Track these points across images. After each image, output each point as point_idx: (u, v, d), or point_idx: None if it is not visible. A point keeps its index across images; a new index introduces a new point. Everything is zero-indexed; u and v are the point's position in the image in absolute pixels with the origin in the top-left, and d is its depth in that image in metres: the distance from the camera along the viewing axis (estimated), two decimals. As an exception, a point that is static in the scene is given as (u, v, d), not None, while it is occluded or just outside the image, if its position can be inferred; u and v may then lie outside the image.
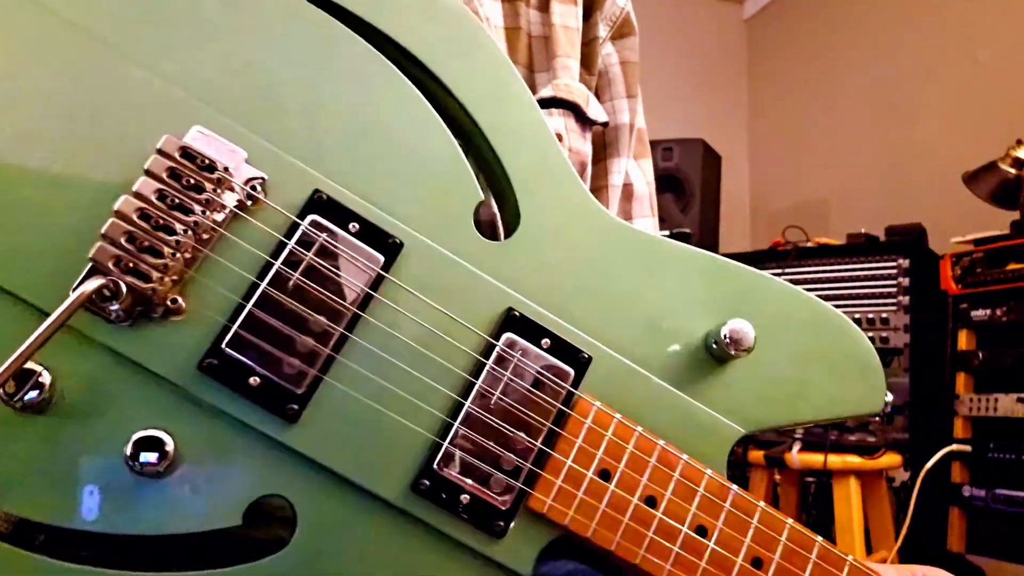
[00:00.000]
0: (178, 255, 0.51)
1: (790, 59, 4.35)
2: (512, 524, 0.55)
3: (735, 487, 0.58)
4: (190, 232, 0.52)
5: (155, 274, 0.51)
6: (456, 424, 0.54)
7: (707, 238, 3.28)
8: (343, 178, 0.56)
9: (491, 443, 0.55)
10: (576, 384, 0.58)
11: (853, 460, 2.31)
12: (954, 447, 2.17)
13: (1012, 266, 2.26)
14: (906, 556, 2.47)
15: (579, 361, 0.58)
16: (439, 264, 0.57)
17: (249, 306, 0.52)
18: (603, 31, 0.91)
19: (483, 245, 0.59)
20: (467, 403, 0.55)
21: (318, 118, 0.57)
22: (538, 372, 0.57)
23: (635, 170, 0.95)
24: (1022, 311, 2.21)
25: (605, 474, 0.56)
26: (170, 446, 0.50)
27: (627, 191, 0.94)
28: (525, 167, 0.61)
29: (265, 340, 0.52)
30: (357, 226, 0.55)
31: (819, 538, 0.59)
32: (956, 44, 3.33)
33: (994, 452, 2.12)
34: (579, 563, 0.80)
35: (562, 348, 0.58)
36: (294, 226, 0.54)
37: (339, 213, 0.55)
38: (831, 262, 2.76)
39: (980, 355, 2.28)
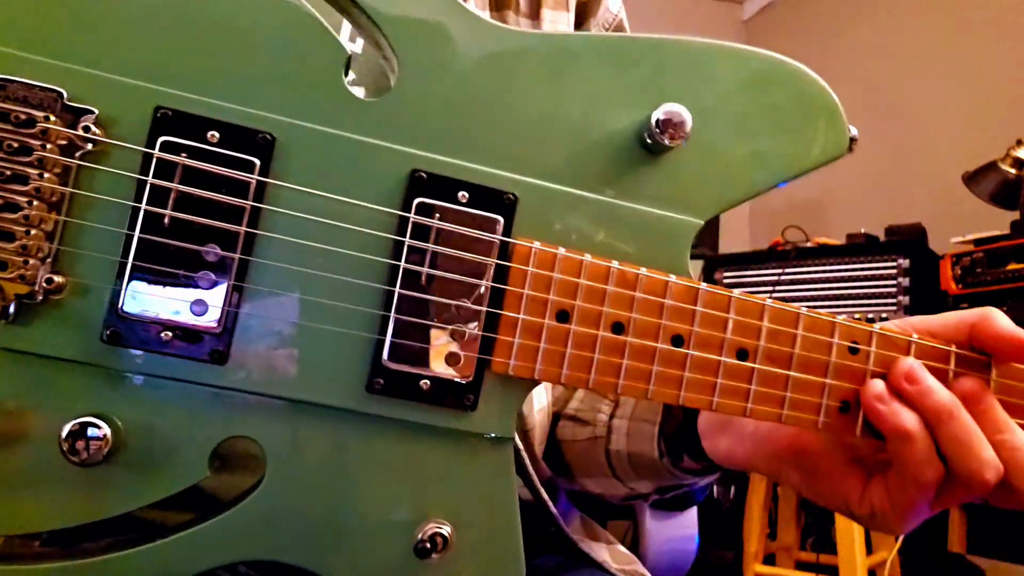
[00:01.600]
0: (33, 231, 0.47)
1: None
2: (481, 394, 0.53)
3: (703, 285, 0.55)
4: (36, 202, 0.47)
5: (16, 259, 0.46)
6: (391, 315, 0.51)
7: (707, 238, 3.20)
8: (185, 82, 0.50)
9: (435, 321, 0.52)
10: (508, 230, 0.53)
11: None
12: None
13: (1012, 266, 2.23)
14: (906, 556, 2.51)
15: (505, 204, 0.54)
16: (321, 145, 0.51)
17: (130, 260, 0.48)
18: None
19: (364, 106, 0.53)
20: (396, 289, 0.51)
21: (133, 17, 0.50)
22: (463, 231, 0.52)
23: None
24: (1022, 311, 2.13)
25: (563, 315, 0.53)
26: (105, 429, 0.48)
27: None
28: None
29: (161, 290, 0.48)
30: (216, 134, 0.50)
31: (801, 309, 0.56)
32: (956, 44, 3.31)
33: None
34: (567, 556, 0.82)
35: (483, 195, 0.53)
36: (147, 157, 0.48)
37: (191, 125, 0.49)
38: (831, 262, 2.75)
39: None
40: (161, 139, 0.49)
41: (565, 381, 0.53)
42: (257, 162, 0.50)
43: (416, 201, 0.52)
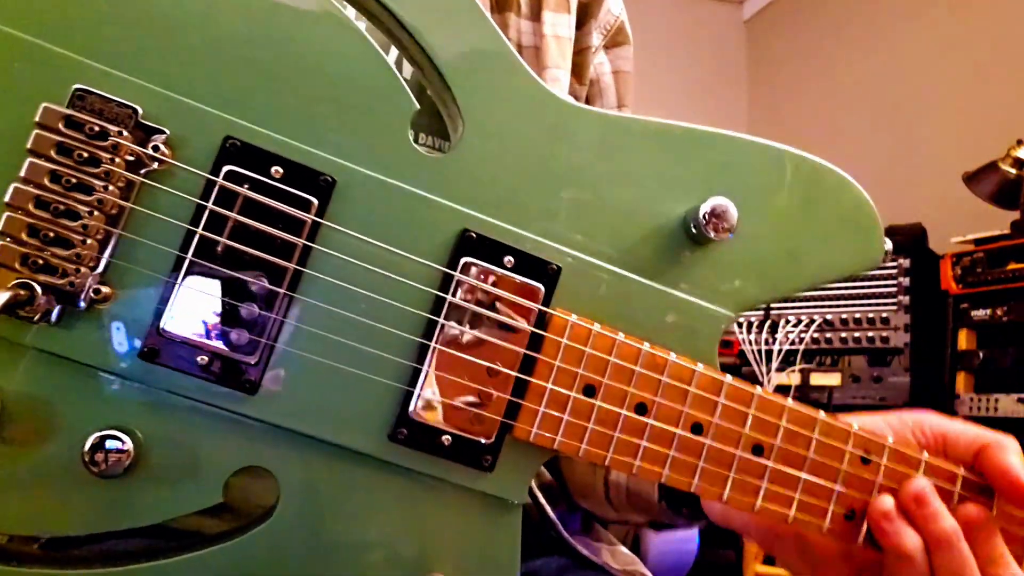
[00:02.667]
0: (89, 240, 0.47)
1: (790, 60, 4.35)
2: (499, 456, 0.53)
3: (728, 378, 0.56)
4: (96, 213, 0.47)
5: (69, 266, 0.47)
6: (424, 368, 0.52)
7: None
8: (256, 115, 0.51)
9: (465, 379, 0.53)
10: (548, 300, 0.54)
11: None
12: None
13: (1012, 266, 2.25)
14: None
15: (548, 274, 0.55)
16: (379, 194, 0.53)
17: (179, 282, 0.48)
18: (597, 39, 0.91)
19: (425, 162, 0.54)
20: (432, 343, 0.52)
21: (215, 47, 0.51)
22: (505, 295, 0.53)
23: None
24: (1022, 311, 2.21)
25: (590, 390, 0.54)
26: (128, 444, 0.48)
27: None
28: (459, 59, 0.55)
29: (205, 314, 0.49)
30: (281, 170, 0.50)
31: (821, 414, 0.57)
32: (956, 44, 3.31)
33: (994, 452, 2.14)
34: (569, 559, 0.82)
35: (528, 263, 0.54)
36: (210, 183, 0.49)
37: (258, 158, 0.50)
38: None
39: (980, 355, 2.28)
40: (226, 168, 0.50)
41: (583, 456, 0.54)
42: (315, 202, 0.51)
43: (463, 261, 0.53)
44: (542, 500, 0.78)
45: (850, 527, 0.58)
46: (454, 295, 0.53)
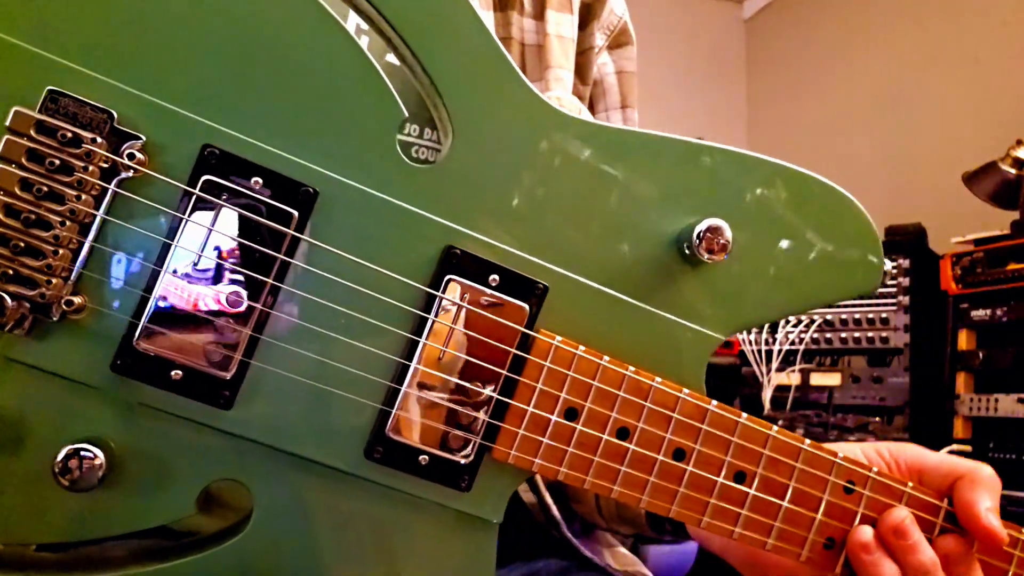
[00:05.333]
0: (61, 251, 0.46)
1: (789, 59, 4.33)
2: (477, 476, 0.53)
3: (712, 404, 0.55)
4: (69, 223, 0.46)
5: (40, 277, 0.46)
6: (403, 388, 0.51)
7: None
8: (238, 122, 0.49)
9: (444, 400, 0.52)
10: (532, 321, 0.53)
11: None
12: (954, 447, 2.17)
13: (1012, 266, 2.20)
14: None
15: (535, 292, 0.54)
16: (363, 207, 0.51)
17: (154, 295, 0.47)
18: (600, 40, 0.90)
19: (412, 173, 0.52)
20: (412, 364, 0.51)
21: (197, 49, 0.49)
22: (489, 316, 0.52)
23: None
24: (1022, 311, 2.16)
25: (571, 413, 0.53)
26: (99, 457, 0.47)
27: None
28: (451, 66, 0.53)
29: (179, 329, 0.48)
30: (261, 180, 0.49)
31: (805, 443, 0.57)
32: (956, 44, 3.28)
33: (994, 452, 2.12)
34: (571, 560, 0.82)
35: (514, 282, 0.53)
36: (187, 194, 0.48)
37: (237, 168, 0.49)
38: None
39: (980, 355, 2.24)
40: (204, 178, 0.48)
41: (562, 479, 0.53)
42: (296, 214, 0.49)
43: (447, 279, 0.52)
44: (548, 500, 0.78)
45: (829, 556, 0.58)
46: (436, 315, 0.52)
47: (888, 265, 0.73)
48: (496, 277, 0.53)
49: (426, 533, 0.54)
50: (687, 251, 0.55)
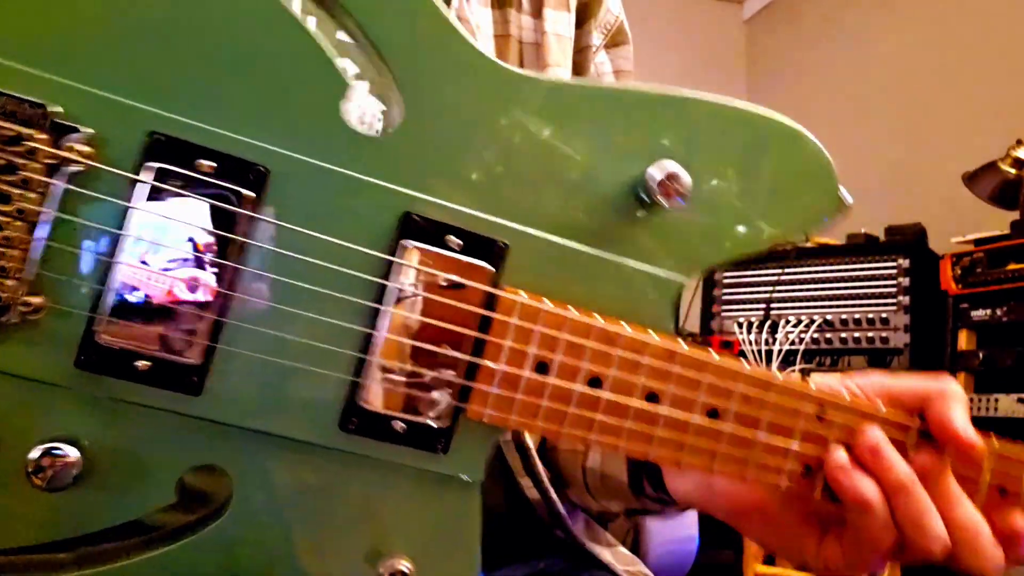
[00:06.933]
0: (13, 251, 0.46)
1: (790, 59, 4.37)
2: (453, 438, 0.54)
3: (682, 346, 0.56)
4: (18, 222, 0.46)
5: (-6, 279, 0.45)
6: (370, 358, 0.51)
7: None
8: (182, 106, 0.49)
9: (413, 366, 0.52)
10: (496, 280, 0.53)
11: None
12: (954, 447, 2.18)
13: (1012, 266, 2.23)
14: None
15: (496, 251, 0.54)
16: (317, 181, 0.51)
17: (112, 288, 0.47)
18: (597, 39, 0.91)
19: (364, 143, 0.52)
20: (377, 332, 0.51)
21: (135, 35, 0.48)
22: (451, 278, 0.52)
23: None
24: (1022, 311, 2.19)
25: (543, 367, 0.54)
26: (72, 455, 0.47)
27: None
28: (394, 31, 0.53)
29: (140, 319, 0.48)
30: (212, 163, 0.49)
31: (779, 377, 0.58)
32: (956, 44, 3.31)
33: (994, 452, 2.16)
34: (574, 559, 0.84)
35: (474, 243, 0.53)
36: (136, 183, 0.47)
37: (185, 152, 0.49)
38: (831, 262, 2.75)
39: (980, 355, 2.27)
40: (153, 165, 0.48)
41: (538, 432, 0.54)
42: (249, 194, 0.49)
43: (406, 244, 0.52)
44: (553, 496, 0.79)
45: (807, 483, 0.60)
46: (398, 281, 0.52)
47: (849, 199, 0.73)
48: (456, 240, 0.53)
49: (408, 498, 0.55)
50: (645, 197, 0.56)
